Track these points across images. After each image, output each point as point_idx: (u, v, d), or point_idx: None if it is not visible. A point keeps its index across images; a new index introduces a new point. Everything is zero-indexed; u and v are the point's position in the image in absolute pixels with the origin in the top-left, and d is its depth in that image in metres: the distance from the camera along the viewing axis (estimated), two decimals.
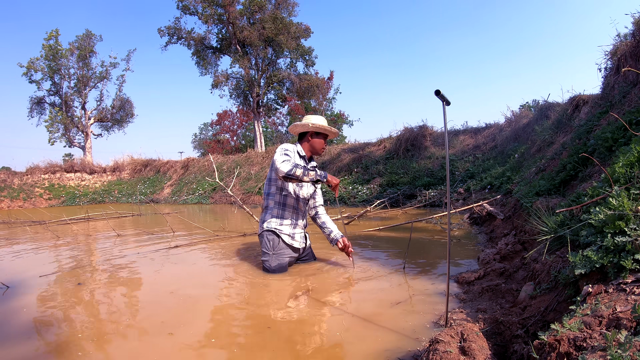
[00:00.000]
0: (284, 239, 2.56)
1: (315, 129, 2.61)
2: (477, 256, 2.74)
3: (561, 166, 3.22)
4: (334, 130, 2.69)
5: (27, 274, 2.80)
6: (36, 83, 18.30)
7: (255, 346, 1.49)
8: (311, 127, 2.59)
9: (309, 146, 2.66)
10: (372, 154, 10.93)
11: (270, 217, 2.59)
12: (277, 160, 2.39)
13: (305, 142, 2.67)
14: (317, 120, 2.62)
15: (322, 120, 2.65)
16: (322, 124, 2.60)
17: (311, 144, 2.65)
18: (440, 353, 1.07)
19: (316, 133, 2.65)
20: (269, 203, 2.63)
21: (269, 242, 2.54)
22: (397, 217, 5.91)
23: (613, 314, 0.93)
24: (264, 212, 2.65)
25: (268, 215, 2.60)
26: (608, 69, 4.84)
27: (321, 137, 2.66)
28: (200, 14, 17.37)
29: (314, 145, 2.65)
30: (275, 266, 2.51)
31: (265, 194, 2.67)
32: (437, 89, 1.33)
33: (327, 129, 2.63)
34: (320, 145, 2.66)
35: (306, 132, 2.66)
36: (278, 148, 2.52)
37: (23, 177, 14.77)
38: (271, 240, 2.53)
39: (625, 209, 1.27)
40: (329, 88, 23.98)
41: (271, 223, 2.57)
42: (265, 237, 2.55)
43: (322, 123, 2.62)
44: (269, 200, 2.63)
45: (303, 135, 2.68)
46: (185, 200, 12.37)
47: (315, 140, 2.65)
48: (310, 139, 2.65)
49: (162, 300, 2.11)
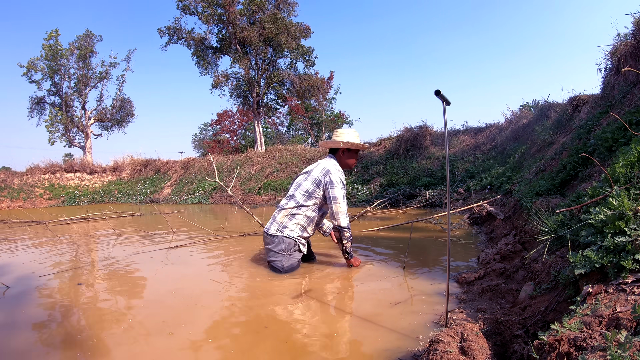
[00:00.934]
0: (300, 247, 2.61)
1: (348, 145, 2.62)
2: (477, 256, 2.74)
3: (561, 166, 3.22)
4: (365, 146, 2.71)
5: (27, 274, 2.80)
6: (36, 83, 18.30)
7: (253, 346, 1.49)
8: (343, 145, 2.61)
9: (342, 162, 2.69)
10: (372, 154, 10.93)
11: (295, 226, 2.57)
12: (339, 197, 2.47)
13: (338, 157, 2.69)
14: (349, 137, 2.62)
15: (354, 137, 2.64)
16: (354, 141, 2.61)
17: (343, 161, 2.68)
18: (440, 353, 1.07)
19: (348, 150, 2.66)
20: (297, 213, 2.57)
21: (284, 243, 2.54)
22: (397, 217, 5.91)
23: (613, 314, 0.93)
24: (288, 217, 2.57)
25: (293, 224, 2.56)
26: (608, 69, 4.84)
27: (353, 153, 2.68)
28: (200, 14, 17.37)
29: (347, 162, 2.69)
30: (288, 266, 2.53)
31: (295, 202, 2.58)
32: (437, 89, 1.33)
33: (359, 146, 2.64)
34: (352, 162, 2.70)
35: (338, 148, 2.67)
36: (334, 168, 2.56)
37: (23, 177, 14.77)
38: (288, 243, 2.54)
39: (625, 209, 1.27)
40: (329, 88, 23.98)
41: (294, 232, 2.56)
42: (282, 239, 2.54)
43: (354, 140, 2.62)
44: (301, 211, 2.57)
45: (335, 150, 2.69)
46: (185, 200, 12.37)
47: (347, 158, 2.67)
48: (342, 155, 2.67)
49: (163, 299, 2.11)
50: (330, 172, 2.52)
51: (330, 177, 2.51)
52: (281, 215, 2.59)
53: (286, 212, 2.59)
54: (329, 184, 2.50)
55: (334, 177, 2.50)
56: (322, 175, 2.53)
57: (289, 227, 2.56)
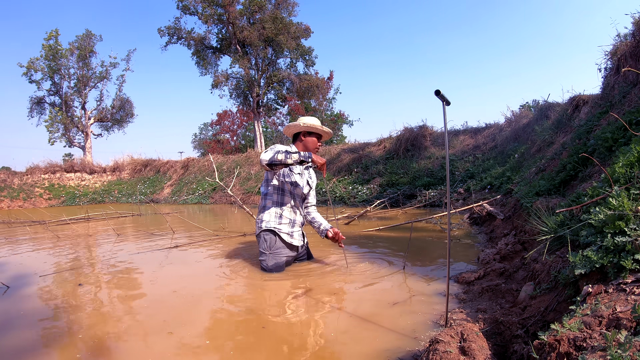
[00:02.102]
0: (283, 237, 2.57)
1: (306, 128, 2.64)
2: (477, 256, 2.74)
3: (561, 166, 3.22)
4: (326, 130, 2.70)
5: (27, 274, 2.80)
6: (36, 83, 18.32)
7: (252, 346, 1.49)
8: (302, 126, 2.62)
9: (303, 146, 2.67)
10: (372, 154, 10.92)
11: (269, 216, 2.59)
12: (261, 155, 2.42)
13: (298, 142, 2.69)
14: (309, 120, 2.66)
15: (315, 121, 2.68)
16: (313, 123, 2.63)
17: (304, 143, 2.67)
18: (440, 353, 1.07)
19: (309, 133, 2.67)
20: (266, 203, 2.63)
21: (265, 241, 2.55)
22: (397, 217, 5.91)
23: (613, 314, 0.93)
24: (261, 212, 2.65)
25: (266, 215, 2.60)
26: (608, 69, 4.84)
27: (314, 136, 2.68)
28: (200, 14, 17.37)
29: (307, 144, 2.66)
30: (272, 265, 2.52)
31: (262, 195, 2.68)
32: (437, 89, 1.33)
33: (319, 128, 2.66)
34: (313, 144, 2.67)
35: (299, 132, 2.69)
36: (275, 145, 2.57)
37: (23, 177, 14.78)
38: (268, 240, 2.54)
39: (625, 209, 1.27)
40: (329, 88, 23.99)
41: (270, 223, 2.57)
42: (262, 237, 2.56)
43: (315, 123, 2.65)
44: (267, 200, 2.64)
45: (297, 136, 2.71)
46: (185, 200, 12.37)
47: (307, 140, 2.66)
48: (302, 138, 2.67)
49: (163, 299, 2.11)
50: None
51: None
52: (257, 214, 2.67)
53: (259, 207, 2.68)
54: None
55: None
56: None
57: (265, 219, 2.58)
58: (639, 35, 4.07)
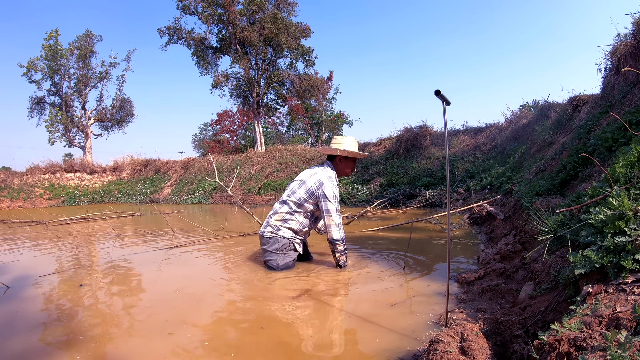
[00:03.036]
0: (295, 247, 2.65)
1: (344, 153, 2.64)
2: (477, 256, 2.74)
3: (561, 166, 3.22)
4: (363, 155, 2.74)
5: (27, 274, 2.80)
6: (36, 83, 18.30)
7: (251, 347, 1.49)
8: (340, 153, 2.63)
9: (338, 170, 2.71)
10: (372, 154, 10.92)
11: (288, 230, 2.62)
12: (332, 211, 2.49)
13: (335, 164, 2.71)
14: (346, 146, 2.63)
15: (352, 145, 2.65)
16: (351, 150, 2.62)
17: (340, 169, 2.70)
18: (440, 353, 1.07)
19: (345, 157, 2.68)
20: (290, 219, 2.62)
21: (278, 242, 2.58)
22: (397, 217, 5.91)
23: (613, 314, 0.93)
24: (282, 221, 2.62)
25: (285, 228, 2.62)
26: (608, 69, 4.84)
27: (350, 161, 2.70)
28: (200, 14, 17.36)
29: (343, 170, 2.71)
30: (283, 265, 2.57)
31: (289, 209, 2.62)
32: (437, 89, 1.33)
33: (356, 155, 2.66)
34: (349, 170, 2.72)
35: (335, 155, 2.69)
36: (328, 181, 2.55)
37: (23, 177, 14.77)
38: (283, 243, 2.59)
39: (625, 209, 1.27)
40: (329, 88, 23.98)
41: (287, 234, 2.61)
42: (276, 239, 2.59)
43: (352, 148, 2.63)
44: (293, 217, 2.62)
45: (333, 157, 2.71)
46: (185, 200, 12.37)
47: (344, 165, 2.69)
48: (339, 162, 2.70)
49: (163, 300, 2.11)
50: (323, 184, 2.53)
51: (324, 191, 2.52)
52: (274, 219, 2.64)
53: (279, 217, 2.63)
54: (321, 197, 2.53)
55: (327, 191, 2.52)
56: (316, 187, 2.55)
57: (282, 230, 2.62)
58: (639, 35, 4.07)
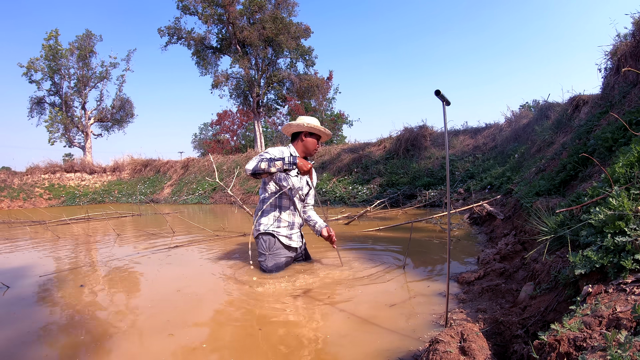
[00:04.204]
0: (281, 240, 2.58)
1: (309, 129, 2.63)
2: (477, 256, 2.74)
3: (561, 166, 3.22)
4: (327, 132, 2.71)
5: (27, 274, 2.80)
6: (36, 83, 18.32)
7: (249, 349, 1.49)
8: (305, 127, 2.61)
9: (302, 146, 2.67)
10: (372, 154, 10.92)
11: (267, 220, 2.60)
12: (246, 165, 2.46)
13: (298, 142, 2.68)
14: (311, 120, 2.65)
15: (315, 121, 2.68)
16: (316, 125, 2.63)
17: (304, 144, 2.67)
18: (440, 353, 1.07)
19: (310, 133, 2.67)
20: (264, 206, 2.63)
21: (264, 242, 2.56)
22: (397, 217, 5.91)
23: (613, 314, 0.93)
24: (259, 215, 2.64)
25: (264, 218, 2.61)
26: (608, 69, 4.84)
27: (314, 137, 2.68)
28: (200, 14, 17.36)
29: (307, 145, 2.67)
30: (272, 266, 2.53)
31: (260, 198, 2.69)
32: (437, 89, 1.33)
33: (321, 130, 2.66)
34: (313, 145, 2.67)
35: (299, 132, 2.68)
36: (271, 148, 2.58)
37: (23, 177, 14.78)
38: (267, 241, 2.56)
39: (625, 209, 1.27)
40: (329, 88, 23.98)
41: (268, 226, 2.59)
42: (261, 239, 2.58)
43: (316, 124, 2.65)
44: (264, 203, 2.64)
45: (296, 136, 2.70)
46: (185, 200, 12.37)
47: (308, 140, 2.66)
48: (303, 138, 2.67)
49: (162, 300, 2.11)
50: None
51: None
52: (254, 216, 2.67)
53: (256, 211, 2.68)
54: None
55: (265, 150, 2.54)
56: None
57: (263, 222, 2.60)
58: (639, 35, 4.07)
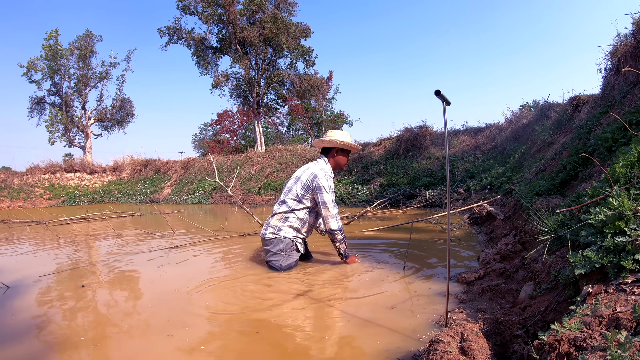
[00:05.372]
0: (297, 247, 2.67)
1: (342, 146, 2.69)
2: (477, 256, 2.74)
3: (561, 166, 3.22)
4: (357, 147, 2.78)
5: (27, 274, 2.80)
6: (36, 83, 18.30)
7: (249, 350, 1.49)
8: (339, 144, 2.67)
9: (334, 162, 2.75)
10: (372, 154, 10.92)
11: (289, 229, 2.63)
12: (328, 202, 2.54)
13: (330, 157, 2.75)
14: (343, 137, 2.69)
15: (348, 137, 2.72)
16: (349, 142, 2.68)
17: (336, 160, 2.74)
18: (440, 353, 1.07)
19: (342, 150, 2.72)
20: (290, 217, 2.63)
21: (282, 242, 2.59)
22: (397, 217, 5.91)
23: (613, 314, 0.93)
24: (282, 221, 2.63)
25: (287, 227, 2.63)
26: (608, 69, 4.84)
27: (346, 153, 2.75)
28: (200, 14, 17.36)
29: (338, 161, 2.75)
30: (286, 266, 2.58)
31: (288, 208, 2.64)
32: (437, 89, 1.33)
33: (353, 146, 2.72)
34: (344, 161, 2.77)
35: (331, 147, 2.73)
36: (321, 173, 2.60)
37: (23, 177, 14.77)
38: (286, 244, 2.60)
39: (625, 209, 1.27)
40: (329, 88, 23.97)
41: (289, 234, 2.62)
42: (279, 240, 2.60)
43: (349, 140, 2.70)
44: (293, 214, 2.63)
45: (328, 150, 2.75)
46: (185, 200, 12.37)
47: (340, 158, 2.74)
48: (335, 155, 2.73)
49: (162, 301, 2.11)
50: (317, 177, 2.59)
51: (319, 182, 2.57)
52: (275, 220, 2.66)
53: (279, 217, 2.66)
54: (316, 189, 2.58)
55: (322, 182, 2.57)
56: (310, 180, 2.61)
57: (284, 230, 2.62)
58: (639, 35, 4.07)
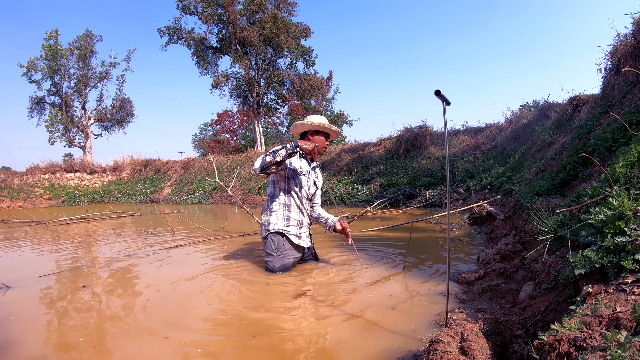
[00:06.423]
0: (291, 239, 2.56)
1: (314, 127, 2.61)
2: (477, 256, 2.74)
3: (561, 166, 3.22)
4: (334, 129, 2.67)
5: (27, 274, 2.80)
6: (36, 83, 18.31)
7: (248, 350, 1.49)
8: (310, 125, 2.60)
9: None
10: (372, 154, 10.92)
11: (276, 219, 2.57)
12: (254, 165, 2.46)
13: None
14: (316, 119, 2.63)
15: (322, 119, 2.65)
16: (321, 122, 2.61)
17: (312, 141, 2.64)
18: (440, 353, 1.07)
19: (316, 132, 2.65)
20: (272, 205, 2.61)
21: (273, 243, 2.54)
22: (397, 217, 5.91)
23: (613, 314, 0.93)
24: (267, 214, 2.61)
25: (273, 217, 2.58)
26: (608, 69, 4.84)
27: (322, 135, 2.66)
28: (200, 14, 17.37)
29: (315, 142, 2.64)
30: (279, 267, 2.52)
31: (269, 197, 2.66)
32: (437, 89, 1.33)
33: (327, 127, 2.63)
34: (321, 143, 2.62)
35: (307, 131, 2.67)
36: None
37: (23, 177, 14.78)
38: (276, 242, 2.54)
39: (625, 209, 1.27)
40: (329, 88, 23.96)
41: (278, 225, 2.56)
42: (270, 239, 2.55)
43: (322, 121, 2.62)
44: (273, 202, 2.61)
45: (304, 135, 2.69)
46: (185, 200, 12.37)
47: (315, 139, 2.63)
48: (310, 137, 2.65)
49: (161, 301, 2.11)
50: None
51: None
52: (262, 215, 2.64)
53: (264, 210, 2.65)
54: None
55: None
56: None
57: (272, 222, 2.57)
58: (639, 35, 4.07)
